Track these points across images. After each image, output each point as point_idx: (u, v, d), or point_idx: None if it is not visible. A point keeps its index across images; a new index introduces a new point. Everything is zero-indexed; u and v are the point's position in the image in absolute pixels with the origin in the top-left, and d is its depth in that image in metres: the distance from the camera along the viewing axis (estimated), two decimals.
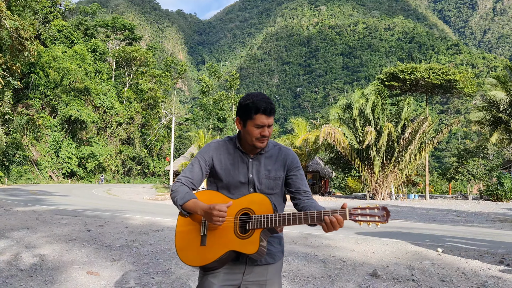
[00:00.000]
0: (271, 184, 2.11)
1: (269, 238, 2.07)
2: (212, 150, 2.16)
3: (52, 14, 60.89)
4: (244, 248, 1.92)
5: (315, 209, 1.94)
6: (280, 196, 2.18)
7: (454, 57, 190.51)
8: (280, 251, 2.17)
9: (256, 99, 2.03)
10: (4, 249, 6.12)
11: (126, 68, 65.76)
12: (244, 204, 2.00)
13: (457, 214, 17.36)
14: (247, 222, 1.95)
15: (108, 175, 57.84)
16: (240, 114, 2.09)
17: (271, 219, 1.90)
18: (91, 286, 4.44)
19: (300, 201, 2.11)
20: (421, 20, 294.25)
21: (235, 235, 1.95)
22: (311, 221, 1.86)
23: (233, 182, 2.10)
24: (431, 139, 29.43)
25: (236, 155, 2.14)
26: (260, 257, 1.97)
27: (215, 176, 2.14)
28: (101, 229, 8.26)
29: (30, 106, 48.20)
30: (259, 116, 2.02)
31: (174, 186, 2.13)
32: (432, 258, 6.01)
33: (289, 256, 6.02)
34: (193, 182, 2.12)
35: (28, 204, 14.85)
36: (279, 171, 2.13)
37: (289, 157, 2.17)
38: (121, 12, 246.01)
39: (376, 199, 29.33)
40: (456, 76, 30.91)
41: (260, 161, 2.13)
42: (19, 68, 35.98)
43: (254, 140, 2.06)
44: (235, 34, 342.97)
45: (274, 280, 2.10)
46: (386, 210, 1.79)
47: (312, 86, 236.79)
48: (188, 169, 2.16)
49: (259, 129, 2.04)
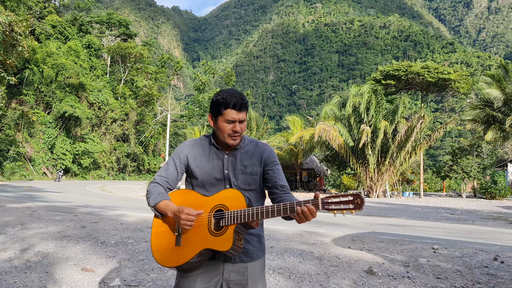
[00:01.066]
0: (248, 179, 2.08)
1: (247, 236, 2.03)
2: (187, 148, 2.14)
3: (46, 9, 60.41)
4: (218, 246, 1.87)
5: (290, 202, 1.87)
6: (258, 192, 2.13)
7: (449, 55, 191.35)
8: (259, 250, 2.11)
9: (227, 95, 2.01)
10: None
11: (121, 65, 65.44)
12: (218, 200, 1.96)
13: (451, 212, 17.45)
14: (221, 218, 1.92)
15: (103, 171, 57.61)
16: (212, 110, 2.07)
17: (244, 214, 1.86)
18: (86, 283, 4.42)
19: (277, 196, 2.07)
20: (416, 18, 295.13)
21: (209, 233, 1.91)
22: (284, 213, 1.82)
23: (209, 179, 2.07)
24: (426, 138, 29.56)
25: (211, 152, 2.12)
26: (236, 254, 1.92)
27: (191, 175, 2.12)
28: (96, 226, 8.22)
29: (24, 102, 47.85)
30: (229, 111, 2.00)
31: (149, 186, 2.10)
32: (427, 256, 6.04)
33: (284, 253, 6.02)
34: (168, 181, 2.10)
35: (22, 200, 14.76)
36: (255, 166, 2.10)
37: (265, 152, 2.14)
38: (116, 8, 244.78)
39: (371, 197, 29.43)
40: (452, 75, 31.06)
41: (236, 157, 2.10)
42: (13, 64, 35.70)
43: (226, 137, 2.03)
44: (231, 31, 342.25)
45: (256, 280, 2.05)
46: (360, 197, 1.73)
47: (307, 84, 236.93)
48: (164, 169, 2.14)
49: (230, 125, 2.01)
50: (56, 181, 40.40)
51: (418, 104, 40.52)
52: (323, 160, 37.89)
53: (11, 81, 34.90)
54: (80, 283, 4.40)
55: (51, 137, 49.40)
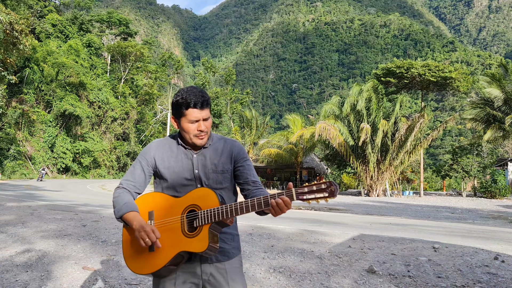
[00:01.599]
0: (219, 178, 2.03)
1: (221, 235, 1.99)
2: (154, 149, 2.06)
3: (46, 8, 60.41)
4: (194, 247, 1.82)
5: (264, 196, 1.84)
6: (230, 190, 2.09)
7: (449, 54, 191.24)
8: (235, 248, 2.07)
9: (186, 94, 1.94)
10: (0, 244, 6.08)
11: (121, 63, 65.42)
12: (190, 200, 1.90)
13: (451, 211, 17.46)
14: (194, 219, 1.87)
15: (103, 170, 57.60)
16: (174, 112, 2.00)
17: (218, 212, 1.82)
18: (87, 282, 4.42)
19: (249, 192, 2.03)
20: (417, 17, 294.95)
21: (183, 235, 1.86)
22: (259, 207, 1.79)
23: (179, 180, 2.00)
24: (426, 137, 29.56)
25: (179, 152, 2.05)
26: (213, 253, 1.88)
27: (160, 176, 2.04)
28: (97, 225, 8.23)
29: (24, 100, 47.85)
30: (191, 111, 1.94)
31: (115, 192, 2.01)
32: (428, 255, 6.04)
33: (285, 252, 6.03)
34: (136, 185, 2.02)
35: (23, 199, 14.76)
36: (226, 164, 2.05)
37: (235, 149, 2.09)
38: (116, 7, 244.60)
39: (371, 195, 29.44)
40: (452, 74, 31.04)
41: (206, 156, 2.04)
42: (13, 62, 35.68)
43: (192, 138, 1.98)
44: (231, 30, 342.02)
45: (235, 278, 2.01)
46: (333, 184, 1.73)
47: (307, 83, 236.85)
48: (130, 172, 2.05)
49: (195, 125, 1.96)
50: (39, 181, 35.11)
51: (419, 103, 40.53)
52: (323, 159, 37.88)
53: (12, 80, 34.92)
54: (81, 282, 4.41)
55: (52, 136, 49.40)
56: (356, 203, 21.22)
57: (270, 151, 36.14)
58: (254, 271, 4.96)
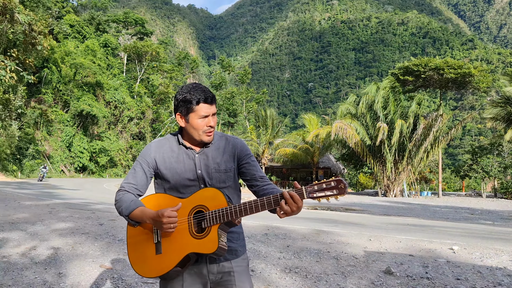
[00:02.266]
0: (223, 177, 1.99)
1: (228, 234, 1.96)
2: (154, 150, 2.02)
3: (64, 9, 61.35)
4: (203, 248, 1.80)
5: (272, 194, 1.82)
6: (233, 189, 2.05)
7: (469, 52, 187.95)
8: (241, 246, 2.04)
9: (194, 90, 1.92)
10: (19, 242, 6.18)
11: (137, 63, 66.05)
12: (196, 201, 1.87)
13: (470, 212, 17.16)
14: (202, 220, 1.84)
15: (119, 169, 58.22)
16: (180, 109, 1.95)
17: (227, 212, 1.79)
18: (104, 279, 4.46)
19: (258, 187, 2.00)
20: (435, 14, 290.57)
21: (191, 236, 1.83)
22: (268, 206, 1.76)
23: (181, 181, 1.96)
24: (444, 136, 29.09)
25: (180, 152, 2.00)
26: (222, 254, 1.85)
27: (161, 178, 2.00)
28: (113, 223, 8.30)
29: (43, 100, 48.66)
30: (201, 106, 1.91)
31: (117, 195, 1.97)
32: (447, 256, 5.93)
33: (301, 253, 5.98)
34: (138, 188, 1.98)
35: (41, 198, 15.01)
36: (229, 162, 2.01)
37: (237, 147, 2.05)
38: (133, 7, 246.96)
39: (388, 196, 29.14)
40: (472, 70, 30.47)
41: (208, 155, 2.00)
42: (32, 63, 36.30)
43: (201, 134, 1.94)
44: (247, 29, 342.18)
45: (242, 276, 1.98)
46: (342, 182, 1.72)
47: (324, 82, 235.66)
48: (131, 174, 2.00)
49: (205, 120, 1.93)
50: (39, 181, 30.63)
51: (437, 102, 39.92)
52: (339, 159, 37.63)
53: (31, 80, 35.55)
54: (97, 279, 4.45)
55: (69, 136, 50.15)
56: (373, 204, 21.02)
57: (286, 151, 36.06)
58: (269, 271, 4.93)
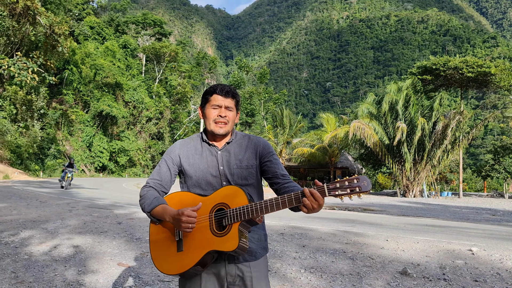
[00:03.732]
0: (244, 173, 2.02)
1: (249, 234, 1.96)
2: (178, 148, 2.09)
3: (85, 11, 62.42)
4: (224, 246, 1.81)
5: (293, 191, 1.83)
6: (255, 187, 2.07)
7: (491, 50, 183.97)
8: (261, 247, 2.04)
9: (214, 85, 2.06)
10: (40, 240, 6.33)
11: (156, 64, 66.73)
12: (217, 199, 1.90)
13: (492, 213, 16.83)
14: (223, 218, 1.85)
15: (138, 169, 58.91)
16: (201, 103, 2.09)
17: (248, 210, 1.80)
18: (122, 277, 4.54)
19: (280, 185, 2.01)
20: (456, 12, 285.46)
21: (212, 234, 1.85)
22: (289, 204, 1.77)
23: (204, 177, 2.00)
24: (465, 135, 28.56)
25: (204, 149, 2.06)
26: (243, 252, 1.86)
27: (185, 174, 2.06)
28: (131, 222, 8.42)
29: (64, 101, 49.59)
30: (215, 97, 2.01)
31: (142, 191, 2.02)
32: (465, 257, 5.84)
33: (317, 253, 5.97)
34: (162, 184, 2.04)
35: (62, 196, 15.30)
36: (251, 159, 2.04)
37: (260, 144, 2.08)
38: (151, 8, 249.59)
39: (407, 196, 28.78)
40: (492, 69, 29.86)
41: (230, 152, 2.05)
42: (53, 64, 37.02)
43: (211, 124, 2.01)
44: (264, 29, 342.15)
45: (260, 280, 1.98)
46: (365, 179, 1.71)
47: (342, 81, 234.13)
48: (156, 171, 2.07)
49: (216, 110, 2.01)
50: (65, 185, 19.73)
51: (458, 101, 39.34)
52: (357, 159, 37.33)
53: (52, 81, 36.25)
54: (115, 277, 4.53)
55: (89, 136, 50.98)
56: (392, 204, 20.80)
57: (303, 151, 35.95)
58: (285, 271, 4.95)
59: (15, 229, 7.10)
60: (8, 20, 33.37)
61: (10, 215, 8.98)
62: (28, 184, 23.79)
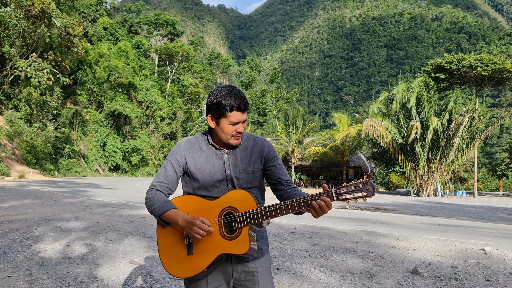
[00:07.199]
0: (250, 178, 2.03)
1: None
2: (184, 149, 2.05)
3: (98, 12, 63.10)
4: (235, 249, 1.85)
5: (300, 196, 1.86)
6: (259, 189, 2.09)
7: (506, 47, 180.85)
8: (265, 244, 2.10)
9: (229, 95, 1.92)
10: (54, 238, 6.43)
11: (168, 64, 67.12)
12: (226, 203, 1.91)
13: (507, 213, 16.58)
14: (232, 221, 1.88)
15: (151, 168, 59.37)
16: (213, 112, 1.97)
17: (257, 214, 1.84)
18: (133, 275, 4.60)
19: (283, 191, 2.04)
20: (471, 9, 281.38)
21: (222, 237, 1.88)
22: (299, 208, 1.81)
23: (210, 180, 2.00)
24: (480, 134, 28.16)
25: (210, 152, 2.04)
26: (252, 255, 1.91)
27: (191, 177, 2.04)
28: (144, 221, 8.50)
29: (78, 101, 50.20)
30: (234, 114, 1.92)
31: (149, 193, 2.01)
32: (478, 257, 5.78)
33: (327, 251, 5.97)
34: (169, 187, 2.02)
35: (76, 196, 15.50)
36: (256, 163, 2.05)
37: (265, 148, 2.09)
38: (164, 9, 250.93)
39: (420, 196, 28.50)
40: (507, 65, 29.37)
41: (236, 155, 2.04)
42: (67, 65, 37.48)
43: (229, 138, 1.97)
44: (276, 28, 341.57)
45: (266, 275, 2.03)
46: (370, 183, 1.77)
47: (354, 80, 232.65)
48: (162, 173, 2.04)
49: (234, 126, 1.95)
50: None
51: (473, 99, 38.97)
52: (370, 158, 37.07)
53: (66, 82, 36.72)
54: (127, 275, 4.59)
55: (103, 135, 51.52)
56: (405, 203, 20.62)
57: (316, 150, 35.83)
58: (295, 269, 4.95)
59: (29, 227, 7.22)
60: (23, 22, 33.87)
61: (25, 214, 9.14)
62: (43, 183, 24.15)
